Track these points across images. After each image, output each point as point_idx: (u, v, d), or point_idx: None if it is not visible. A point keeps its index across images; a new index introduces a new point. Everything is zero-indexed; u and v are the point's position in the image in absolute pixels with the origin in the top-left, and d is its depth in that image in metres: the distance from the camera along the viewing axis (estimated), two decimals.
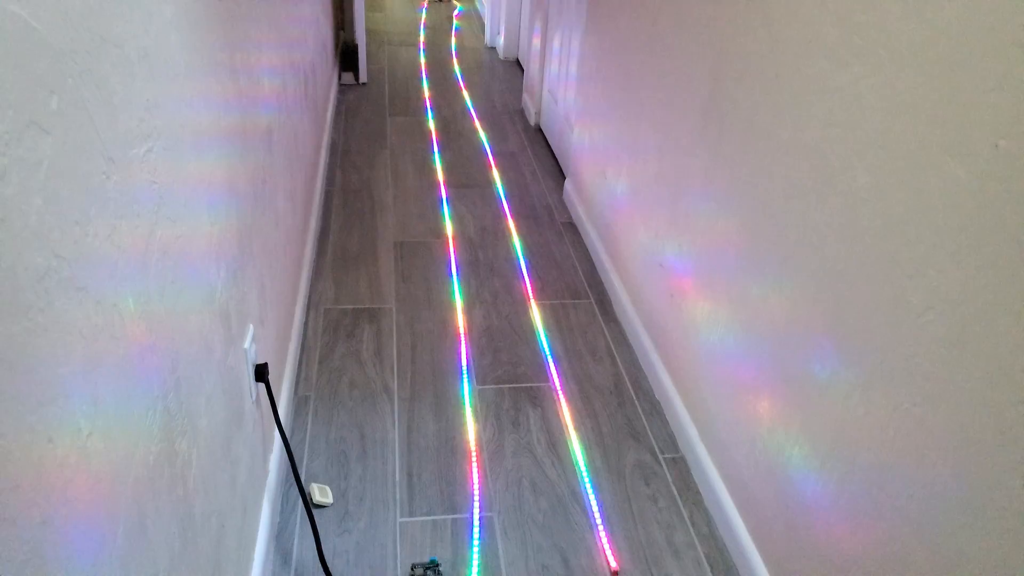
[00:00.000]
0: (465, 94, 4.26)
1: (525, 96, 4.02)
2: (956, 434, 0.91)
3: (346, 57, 4.22)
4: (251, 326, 1.33)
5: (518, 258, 2.59)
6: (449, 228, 2.76)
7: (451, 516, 1.57)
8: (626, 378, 2.03)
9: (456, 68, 4.77)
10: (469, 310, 2.27)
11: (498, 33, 5.14)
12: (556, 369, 2.04)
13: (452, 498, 1.61)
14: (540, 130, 3.76)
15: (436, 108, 3.99)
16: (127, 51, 0.72)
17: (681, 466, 1.74)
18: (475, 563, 1.47)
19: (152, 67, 0.80)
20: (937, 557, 0.95)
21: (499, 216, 2.88)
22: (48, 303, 0.54)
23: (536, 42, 3.69)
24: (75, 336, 0.58)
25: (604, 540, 1.53)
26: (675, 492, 1.67)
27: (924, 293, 0.95)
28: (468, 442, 1.77)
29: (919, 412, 0.97)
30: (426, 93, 4.22)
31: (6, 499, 0.47)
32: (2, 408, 0.47)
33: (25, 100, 0.51)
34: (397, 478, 1.65)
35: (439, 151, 3.44)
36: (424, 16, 6.17)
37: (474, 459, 1.72)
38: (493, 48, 5.31)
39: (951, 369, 0.91)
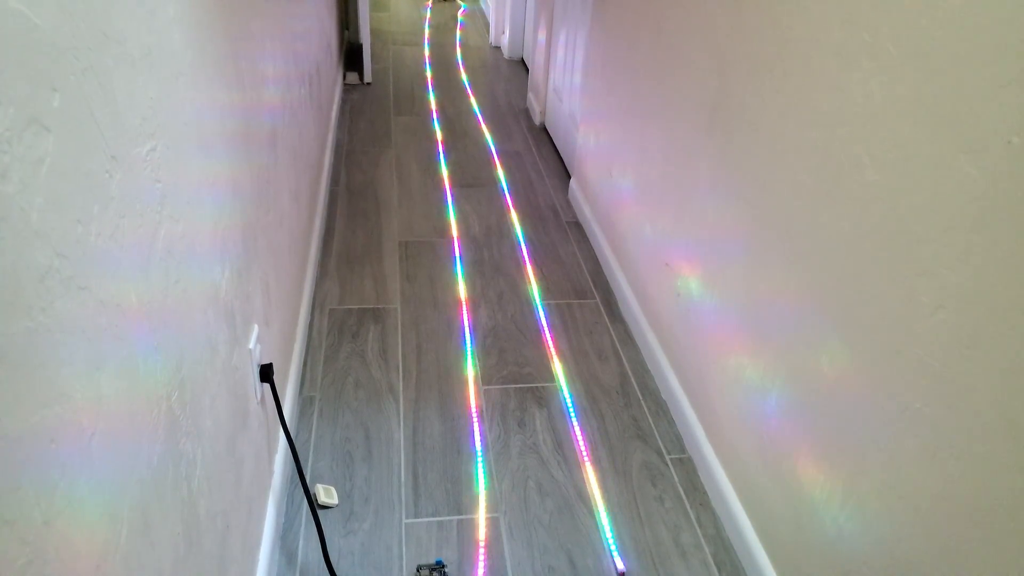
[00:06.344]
0: (470, 94, 4.26)
1: (530, 95, 4.01)
2: (967, 434, 0.90)
3: (351, 57, 4.22)
4: (256, 326, 1.32)
5: (523, 258, 2.58)
6: (454, 228, 2.75)
7: (457, 517, 1.56)
8: (632, 378, 2.02)
9: (461, 68, 4.77)
10: (474, 310, 2.27)
11: (503, 32, 5.14)
12: (562, 369, 2.03)
13: (458, 499, 1.60)
14: (545, 129, 3.75)
15: (441, 108, 3.99)
16: (130, 48, 0.71)
17: (688, 466, 1.73)
18: (481, 564, 1.46)
19: (155, 65, 0.79)
20: (947, 558, 0.94)
21: (504, 215, 2.87)
22: (50, 303, 0.53)
23: (541, 41, 3.68)
24: (78, 336, 0.57)
25: (610, 541, 1.52)
26: (682, 492, 1.66)
27: (935, 292, 0.94)
28: (474, 443, 1.76)
29: (929, 412, 0.95)
30: (431, 93, 4.22)
31: (8, 501, 0.47)
32: (4, 408, 0.47)
33: (27, 97, 0.50)
34: (403, 479, 1.65)
35: (444, 151, 3.43)
36: (428, 16, 6.17)
37: (480, 460, 1.71)
38: (498, 47, 5.30)
39: (962, 368, 0.90)
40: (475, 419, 1.83)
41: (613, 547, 1.51)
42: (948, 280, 0.91)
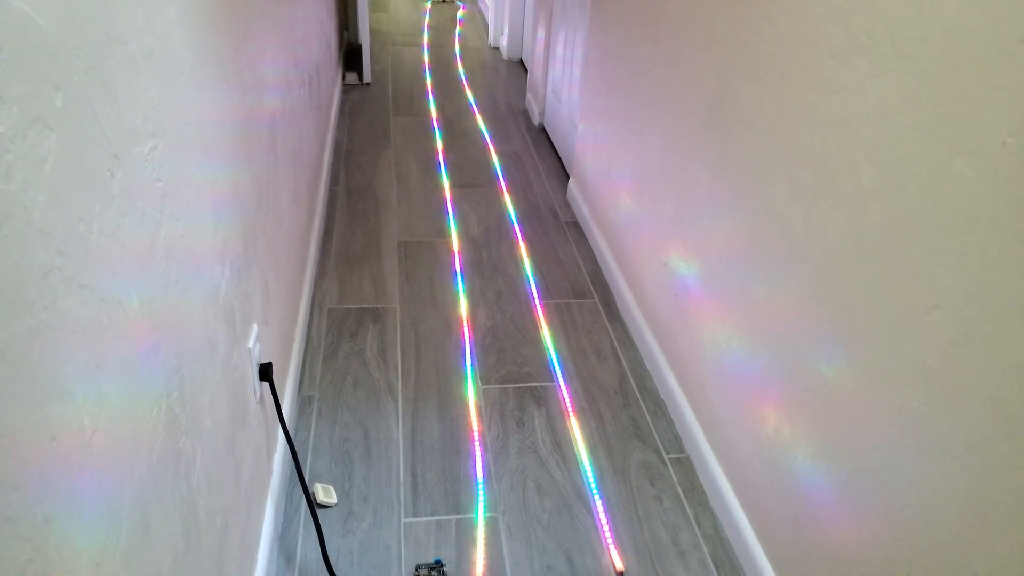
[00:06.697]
0: (469, 94, 4.26)
1: (529, 96, 4.01)
2: (963, 434, 0.90)
3: (350, 57, 4.22)
4: (255, 325, 1.32)
5: (522, 258, 2.58)
6: (453, 228, 2.75)
7: (455, 516, 1.56)
8: (631, 378, 2.02)
9: (460, 68, 4.77)
10: (473, 310, 2.27)
11: (502, 33, 5.14)
12: (561, 369, 2.03)
13: (456, 498, 1.61)
14: (544, 130, 3.76)
15: (440, 108, 3.99)
16: (132, 49, 0.72)
17: (686, 466, 1.74)
18: (480, 563, 1.47)
19: (157, 65, 0.79)
20: (945, 557, 0.94)
21: (503, 216, 2.88)
22: (52, 301, 0.53)
23: (540, 42, 3.69)
24: (79, 334, 0.58)
25: (609, 540, 1.53)
26: (680, 492, 1.67)
27: (931, 292, 0.94)
28: (472, 442, 1.76)
29: (926, 411, 0.96)
30: (430, 93, 4.22)
31: (9, 498, 0.47)
32: (5, 406, 0.47)
33: (30, 96, 0.50)
34: (401, 478, 1.65)
35: (443, 151, 3.44)
36: (428, 17, 6.17)
37: (479, 459, 1.71)
38: (497, 48, 5.31)
39: (958, 368, 0.90)
40: (474, 419, 1.84)
41: (612, 547, 1.52)
42: (944, 280, 0.92)
